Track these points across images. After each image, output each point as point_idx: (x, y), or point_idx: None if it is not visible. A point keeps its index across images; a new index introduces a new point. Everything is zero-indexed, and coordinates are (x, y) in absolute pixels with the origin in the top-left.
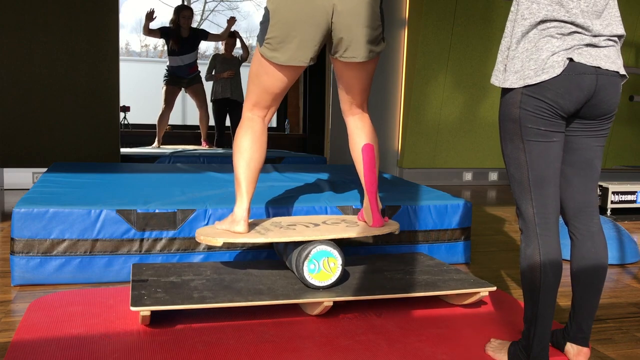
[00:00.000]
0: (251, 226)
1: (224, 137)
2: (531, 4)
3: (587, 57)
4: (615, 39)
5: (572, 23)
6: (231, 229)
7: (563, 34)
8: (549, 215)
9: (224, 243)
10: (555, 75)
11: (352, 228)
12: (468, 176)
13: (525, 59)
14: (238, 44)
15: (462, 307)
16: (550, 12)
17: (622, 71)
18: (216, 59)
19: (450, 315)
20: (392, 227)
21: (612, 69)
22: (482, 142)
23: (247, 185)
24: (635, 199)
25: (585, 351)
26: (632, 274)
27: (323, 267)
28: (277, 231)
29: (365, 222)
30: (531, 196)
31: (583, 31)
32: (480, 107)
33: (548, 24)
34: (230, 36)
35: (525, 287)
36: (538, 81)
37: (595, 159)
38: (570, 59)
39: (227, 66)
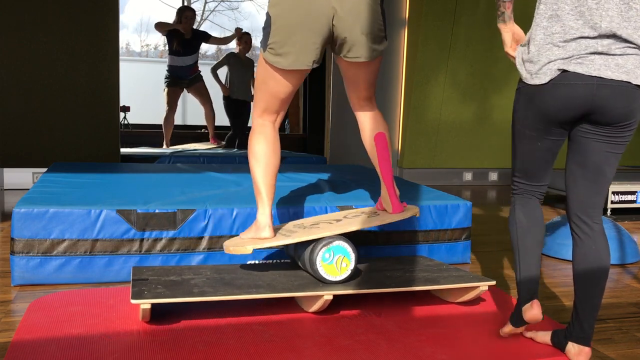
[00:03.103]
0: (275, 231)
1: (238, 135)
2: (539, 4)
3: (587, 67)
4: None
5: (574, 26)
6: (257, 236)
7: (567, 41)
8: (532, 186)
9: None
10: (542, 82)
11: (374, 218)
12: (468, 176)
13: (528, 60)
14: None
15: (462, 307)
16: (555, 12)
17: (638, 81)
18: (230, 57)
19: (450, 314)
20: (412, 210)
21: (619, 79)
22: (482, 142)
23: (267, 191)
24: (635, 199)
25: (586, 351)
26: (632, 274)
27: (335, 263)
28: (301, 232)
29: (384, 210)
30: (516, 171)
31: (590, 33)
32: (480, 107)
33: (554, 29)
34: (239, 38)
35: (512, 244)
36: (530, 83)
37: (605, 164)
38: (564, 70)
39: (241, 67)
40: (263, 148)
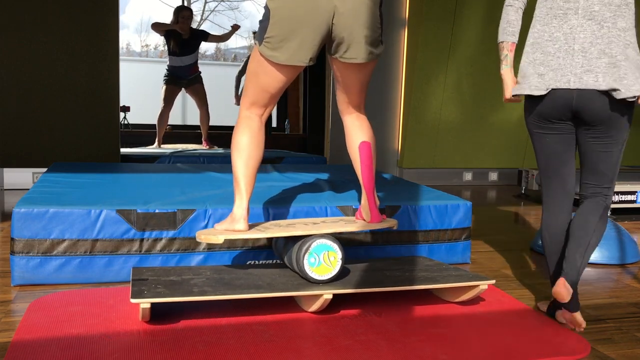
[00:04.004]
0: (251, 227)
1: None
2: (530, 32)
3: (564, 84)
4: (606, 57)
5: (551, 51)
6: (231, 227)
7: (546, 65)
8: (553, 198)
9: (225, 241)
10: (530, 92)
11: (350, 224)
12: (468, 176)
13: (521, 78)
14: None
15: (462, 306)
16: (536, 39)
17: (604, 87)
18: None
19: (450, 314)
20: (390, 222)
21: (588, 87)
22: (482, 142)
23: (246, 184)
24: (635, 199)
25: (562, 281)
26: (632, 274)
27: (323, 261)
28: (276, 229)
29: (363, 219)
30: (542, 178)
31: (564, 55)
32: (481, 107)
33: (535, 56)
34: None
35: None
36: (526, 94)
37: (600, 162)
38: (548, 87)
39: None
40: (247, 140)
